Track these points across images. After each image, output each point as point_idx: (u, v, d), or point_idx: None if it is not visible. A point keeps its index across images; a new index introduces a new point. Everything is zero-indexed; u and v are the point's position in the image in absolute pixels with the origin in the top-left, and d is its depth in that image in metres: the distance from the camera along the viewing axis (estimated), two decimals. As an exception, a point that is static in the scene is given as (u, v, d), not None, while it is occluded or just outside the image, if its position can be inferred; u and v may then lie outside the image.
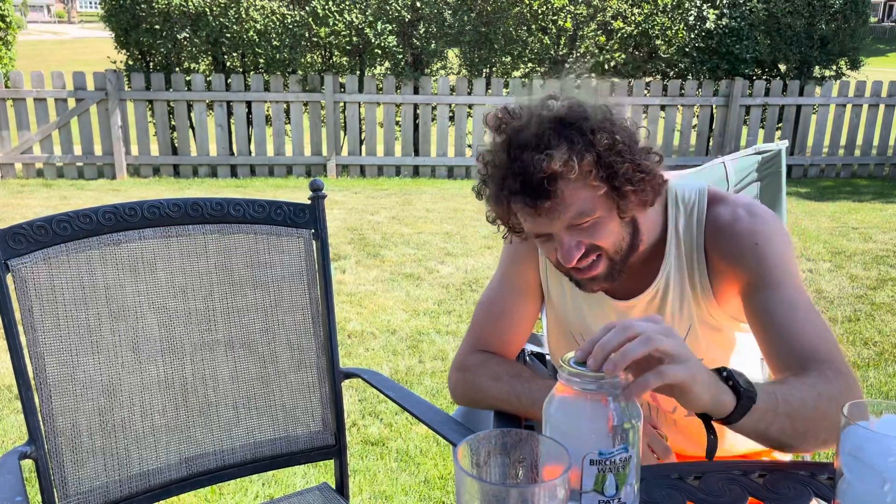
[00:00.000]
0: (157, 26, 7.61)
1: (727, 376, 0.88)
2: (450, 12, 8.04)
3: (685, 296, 1.19)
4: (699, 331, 1.21)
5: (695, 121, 8.53)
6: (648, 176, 1.08)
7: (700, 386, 0.83)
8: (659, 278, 1.21)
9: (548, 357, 1.70)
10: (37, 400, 1.23)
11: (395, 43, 7.97)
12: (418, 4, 8.00)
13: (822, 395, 0.95)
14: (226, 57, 8.02)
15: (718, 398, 0.86)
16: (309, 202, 1.47)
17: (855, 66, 9.10)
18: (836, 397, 0.93)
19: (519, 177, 1.04)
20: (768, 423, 0.91)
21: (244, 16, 7.67)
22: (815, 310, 1.08)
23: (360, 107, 7.97)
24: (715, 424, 0.90)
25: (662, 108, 8.12)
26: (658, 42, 8.41)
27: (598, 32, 8.31)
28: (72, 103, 7.38)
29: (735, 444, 1.28)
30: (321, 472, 2.47)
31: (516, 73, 8.62)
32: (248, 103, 7.73)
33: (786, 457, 1.35)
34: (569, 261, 1.08)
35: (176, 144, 7.89)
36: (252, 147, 7.89)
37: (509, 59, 8.42)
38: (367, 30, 7.87)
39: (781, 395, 0.92)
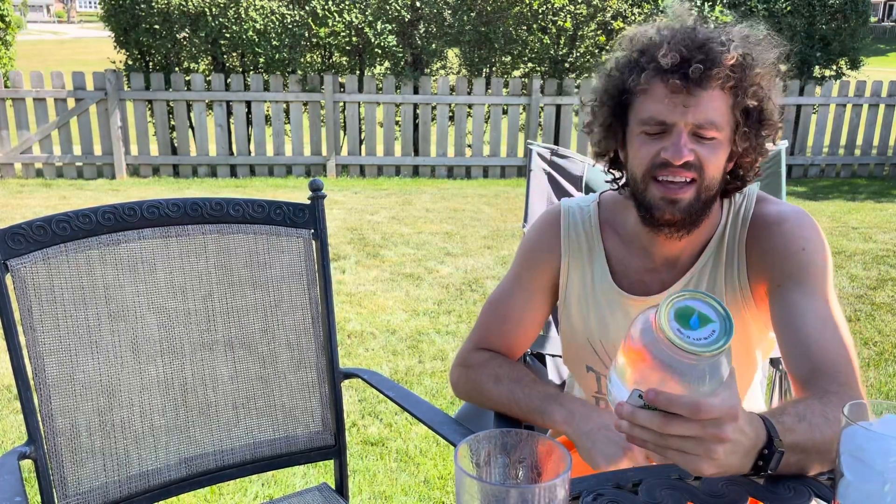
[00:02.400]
0: (156, 26, 7.60)
1: (763, 454, 0.83)
2: (450, 12, 8.04)
3: (719, 293, 1.18)
4: None
5: (695, 120, 8.51)
6: (768, 138, 1.12)
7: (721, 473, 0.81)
8: (689, 276, 1.19)
9: (548, 357, 1.69)
10: (36, 400, 1.23)
11: (394, 43, 7.97)
12: (418, 4, 8.00)
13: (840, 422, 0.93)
14: (225, 57, 8.01)
15: (735, 471, 0.84)
16: (308, 202, 1.46)
17: (855, 66, 9.10)
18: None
19: (683, 53, 1.03)
20: (782, 472, 0.88)
21: (244, 16, 7.67)
22: (846, 328, 1.05)
23: (359, 107, 7.97)
24: None
25: (662, 107, 8.11)
26: (658, 42, 8.39)
27: (598, 32, 8.31)
28: (71, 103, 7.38)
29: None
30: (321, 473, 2.47)
31: (516, 73, 8.61)
32: (248, 103, 7.72)
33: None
34: (679, 156, 1.05)
35: (175, 144, 7.88)
36: (251, 147, 7.89)
37: (509, 58, 8.42)
38: (367, 30, 7.87)
39: (804, 443, 0.88)
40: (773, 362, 1.64)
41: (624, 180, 1.21)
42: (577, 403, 1.12)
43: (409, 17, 7.99)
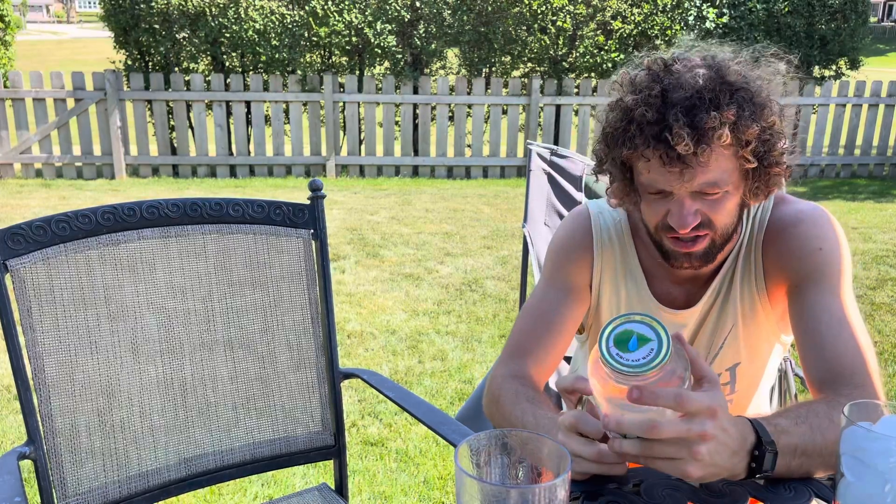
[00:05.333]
0: (156, 26, 7.60)
1: (754, 455, 0.83)
2: (449, 12, 8.04)
3: (734, 297, 1.18)
4: (741, 331, 1.20)
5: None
6: (787, 167, 1.06)
7: (698, 478, 0.80)
8: (714, 287, 1.18)
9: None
10: (36, 400, 1.23)
11: (394, 43, 7.97)
12: (418, 4, 8.00)
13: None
14: (225, 57, 8.01)
15: (729, 474, 0.83)
16: (308, 202, 1.46)
17: (855, 66, 9.10)
18: None
19: (672, 129, 0.97)
20: (781, 474, 0.87)
21: (243, 15, 7.67)
22: (864, 329, 1.04)
23: (359, 107, 7.97)
24: None
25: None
26: (657, 42, 8.41)
27: (598, 32, 8.31)
28: (71, 103, 7.38)
29: None
30: (320, 473, 2.47)
31: (516, 73, 8.62)
32: (248, 103, 7.72)
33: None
34: (683, 226, 1.03)
35: (175, 144, 7.88)
36: (251, 147, 7.89)
37: (509, 59, 8.42)
38: (367, 30, 7.87)
39: (805, 446, 0.87)
40: None
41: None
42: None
43: (408, 17, 7.99)
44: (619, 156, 1.07)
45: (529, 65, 8.52)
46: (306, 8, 7.80)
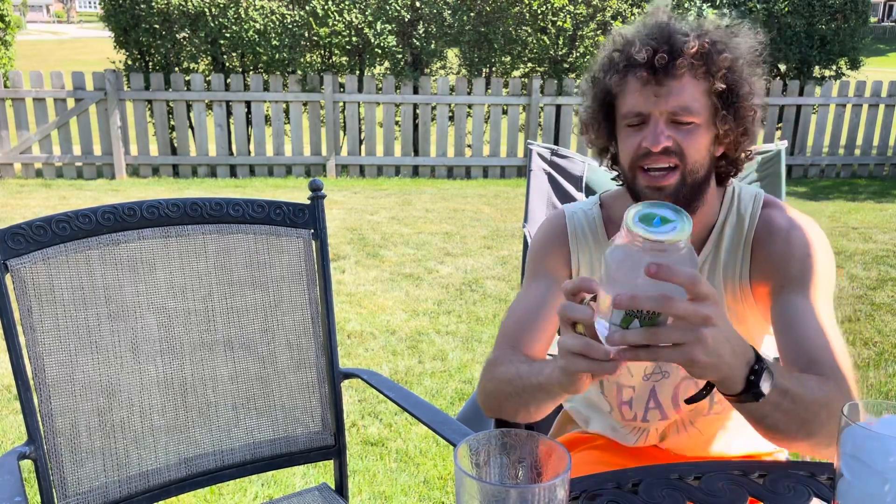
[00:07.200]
0: (156, 26, 7.60)
1: (755, 370, 0.86)
2: (449, 12, 8.04)
3: (717, 286, 1.20)
4: None
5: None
6: (753, 124, 1.15)
7: (704, 370, 0.83)
8: None
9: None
10: (36, 400, 1.23)
11: (394, 43, 7.97)
12: (418, 4, 8.00)
13: (829, 406, 0.94)
14: (225, 57, 8.01)
15: (724, 383, 0.86)
16: (308, 202, 1.46)
17: (855, 66, 9.09)
18: (837, 410, 0.93)
19: (651, 46, 1.08)
20: (766, 414, 0.91)
21: (243, 16, 7.67)
22: (841, 338, 1.08)
23: (359, 107, 7.97)
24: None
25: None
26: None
27: (598, 32, 8.31)
28: (71, 103, 7.38)
29: (729, 445, 1.29)
30: (321, 473, 2.47)
31: (516, 73, 8.62)
32: (248, 103, 7.72)
33: (784, 456, 1.35)
34: (656, 143, 1.09)
35: (175, 144, 7.88)
36: (251, 147, 7.89)
37: (509, 59, 8.42)
38: (367, 30, 7.87)
39: (793, 393, 0.92)
40: None
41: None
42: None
43: (408, 17, 7.99)
44: (602, 88, 1.17)
45: (530, 65, 8.52)
46: (306, 8, 7.80)
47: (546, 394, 1.04)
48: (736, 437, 1.28)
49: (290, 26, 7.78)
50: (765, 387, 0.86)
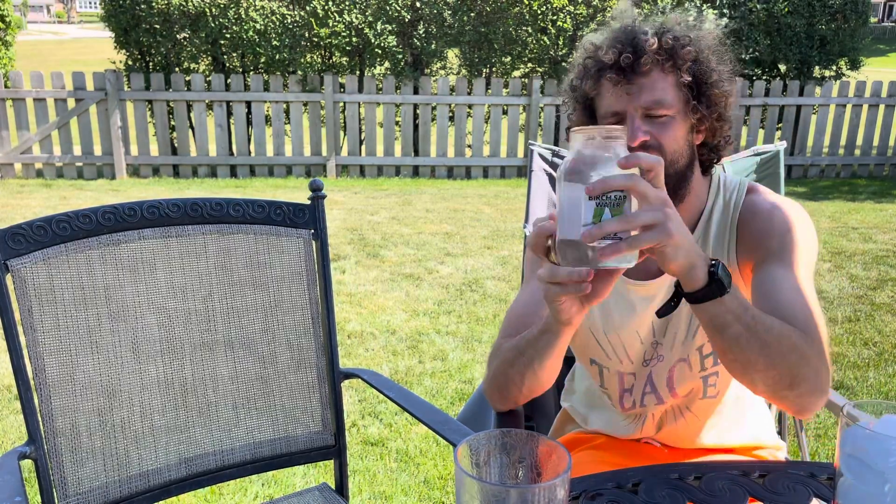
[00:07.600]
0: (156, 26, 7.61)
1: (713, 264, 0.92)
2: (449, 12, 8.04)
3: None
4: None
5: (695, 121, 8.52)
6: (726, 109, 1.19)
7: (677, 251, 0.87)
8: None
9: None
10: (36, 400, 1.23)
11: (394, 43, 7.97)
12: (418, 4, 8.01)
13: (792, 340, 0.98)
14: (225, 57, 8.01)
15: (692, 270, 0.90)
16: (308, 202, 1.47)
17: (855, 66, 9.10)
18: (803, 352, 0.98)
19: (617, 48, 1.14)
20: (728, 323, 0.94)
21: (244, 16, 7.67)
22: (819, 307, 1.10)
23: (359, 107, 7.97)
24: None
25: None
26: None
27: (598, 32, 8.31)
28: (71, 103, 7.38)
29: (725, 436, 1.29)
30: (321, 473, 2.47)
31: (516, 73, 8.62)
32: (248, 103, 7.73)
33: (783, 456, 1.35)
34: (633, 138, 1.13)
35: (175, 144, 7.89)
36: (252, 147, 7.89)
37: (509, 59, 8.42)
38: (367, 30, 7.87)
39: (754, 312, 0.96)
40: None
41: None
42: None
43: (408, 17, 8.00)
44: (581, 94, 1.22)
45: (530, 65, 8.53)
46: (307, 8, 7.80)
47: (546, 335, 1.05)
48: (732, 428, 1.29)
49: (290, 26, 7.79)
50: (726, 281, 0.91)
